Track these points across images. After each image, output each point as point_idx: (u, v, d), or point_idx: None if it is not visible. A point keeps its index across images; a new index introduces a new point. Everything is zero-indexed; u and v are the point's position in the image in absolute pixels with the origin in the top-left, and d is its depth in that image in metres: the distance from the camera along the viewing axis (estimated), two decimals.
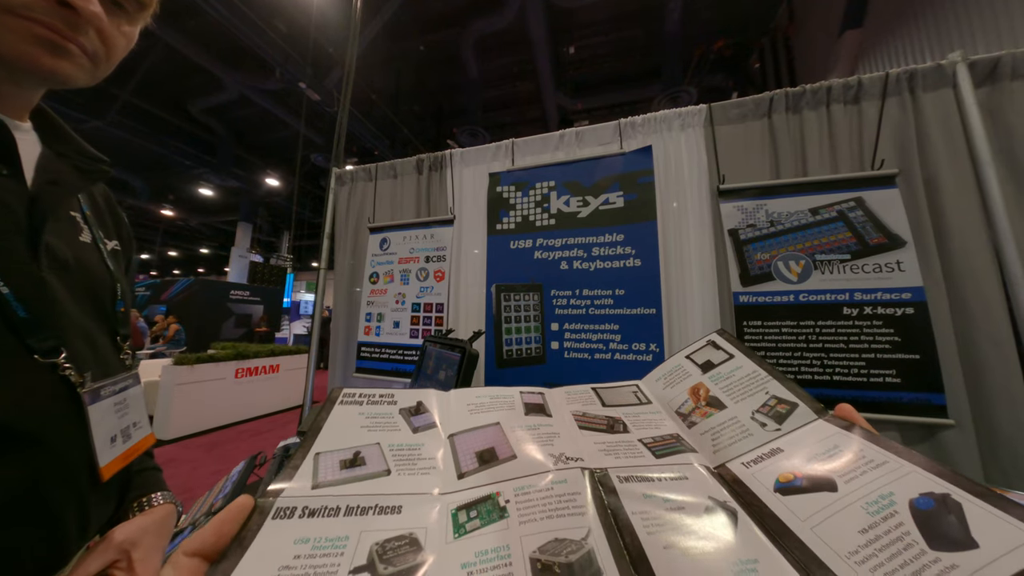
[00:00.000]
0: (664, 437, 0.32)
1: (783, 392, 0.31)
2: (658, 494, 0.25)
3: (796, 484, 0.24)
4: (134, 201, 9.89)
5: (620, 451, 0.30)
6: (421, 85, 6.42)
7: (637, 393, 0.39)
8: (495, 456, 0.28)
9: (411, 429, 0.30)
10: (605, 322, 1.45)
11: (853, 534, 0.20)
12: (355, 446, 0.28)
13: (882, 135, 1.23)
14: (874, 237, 1.20)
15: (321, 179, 9.72)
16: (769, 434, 0.29)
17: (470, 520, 0.23)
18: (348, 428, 0.29)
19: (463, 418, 0.32)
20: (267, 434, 3.84)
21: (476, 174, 1.80)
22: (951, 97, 1.18)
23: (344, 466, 0.26)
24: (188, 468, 2.89)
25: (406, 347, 1.77)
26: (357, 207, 2.03)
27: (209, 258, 17.55)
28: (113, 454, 0.42)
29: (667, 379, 0.39)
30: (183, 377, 3.63)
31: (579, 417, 0.35)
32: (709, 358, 0.38)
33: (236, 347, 4.39)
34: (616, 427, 0.33)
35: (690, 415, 0.34)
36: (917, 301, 1.13)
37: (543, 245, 1.59)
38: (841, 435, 0.26)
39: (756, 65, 5.12)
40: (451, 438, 0.30)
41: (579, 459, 0.28)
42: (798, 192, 1.29)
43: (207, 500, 1.24)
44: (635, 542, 0.21)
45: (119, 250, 0.52)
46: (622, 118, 1.57)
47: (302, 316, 11.69)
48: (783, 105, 1.34)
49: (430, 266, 1.81)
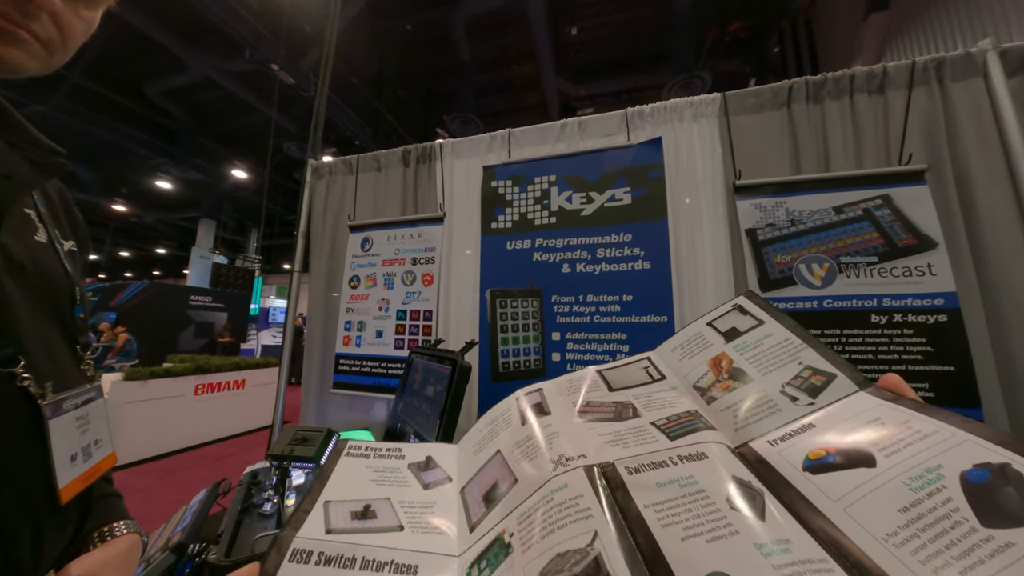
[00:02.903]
0: (679, 415, 0.32)
1: (819, 362, 0.30)
2: (673, 480, 0.25)
3: (828, 461, 0.23)
4: (81, 195, 9.81)
5: (629, 439, 0.30)
6: (407, 68, 6.48)
7: (648, 369, 0.39)
8: (498, 490, 0.29)
9: (422, 485, 0.32)
10: (611, 331, 1.47)
11: (892, 513, 0.19)
12: (364, 499, 0.29)
13: (909, 127, 1.27)
14: (903, 238, 1.24)
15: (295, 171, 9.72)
16: (800, 409, 0.28)
17: (481, 572, 0.24)
18: (356, 480, 0.31)
19: (471, 466, 0.33)
20: (231, 459, 3.80)
21: (469, 167, 1.83)
22: (982, 87, 1.23)
23: (355, 517, 0.28)
24: (140, 498, 2.85)
25: (390, 359, 1.78)
26: (336, 203, 2.04)
27: (166, 259, 17.41)
28: (73, 474, 0.42)
29: (684, 349, 0.39)
30: (134, 394, 3.59)
31: (583, 408, 0.35)
32: (734, 325, 0.37)
33: (196, 360, 4.35)
34: (625, 413, 0.33)
35: (710, 389, 0.34)
36: (950, 308, 1.16)
37: (543, 246, 1.62)
38: (884, 407, 0.25)
39: (775, 50, 5.23)
40: (462, 492, 0.31)
41: (581, 456, 0.28)
42: (821, 188, 1.33)
43: (163, 533, 1.22)
44: (649, 540, 0.21)
45: (76, 251, 0.52)
46: (629, 107, 1.61)
47: (272, 325, 11.61)
48: (803, 94, 1.39)
49: (417, 269, 1.82)
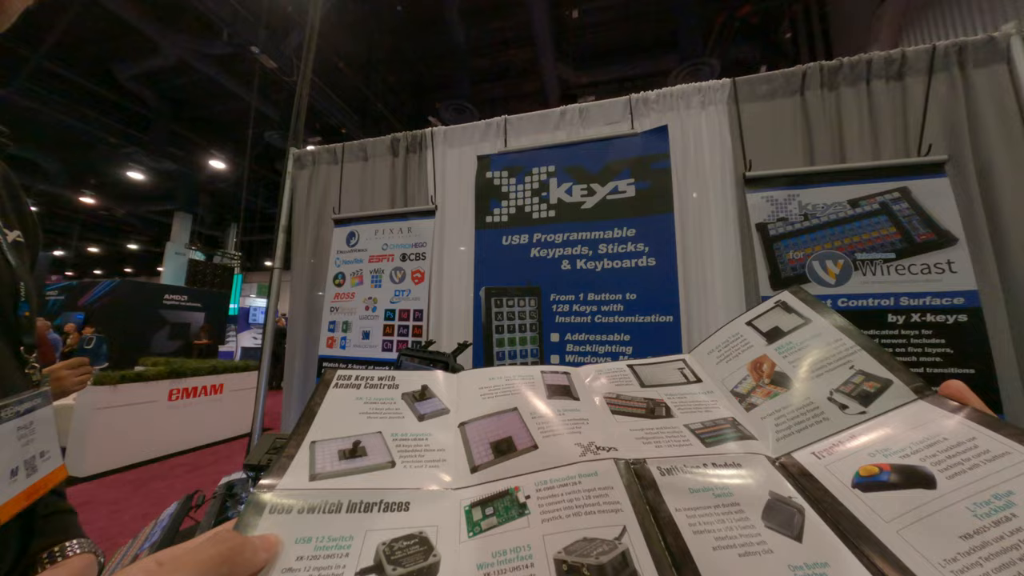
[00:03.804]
0: (716, 422, 0.31)
1: (873, 366, 0.29)
2: (707, 488, 0.25)
3: (881, 479, 0.22)
4: (46, 186, 9.59)
5: (662, 439, 0.30)
6: (398, 52, 6.39)
7: (684, 370, 0.38)
8: (513, 446, 0.29)
9: (416, 416, 0.32)
10: (614, 331, 1.44)
11: (952, 540, 0.19)
12: (354, 435, 0.29)
13: (929, 116, 1.26)
14: (921, 233, 1.22)
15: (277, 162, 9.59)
16: (850, 418, 0.27)
17: (486, 518, 0.24)
18: (346, 415, 0.31)
19: (475, 404, 0.33)
20: (207, 468, 3.73)
21: (462, 157, 1.79)
22: (1005, 74, 1.22)
23: (343, 456, 0.27)
24: (108, 511, 2.78)
25: (377, 362, 1.73)
26: (319, 195, 1.99)
27: (138, 255, 17.12)
28: (13, 491, 0.40)
29: (722, 351, 0.38)
30: (104, 400, 3.50)
31: (612, 400, 0.35)
32: (777, 324, 0.36)
33: (170, 363, 4.26)
34: (657, 411, 0.33)
35: (749, 395, 0.33)
36: (971, 307, 1.15)
37: (541, 241, 1.58)
38: (947, 418, 0.24)
39: (787, 35, 5.23)
40: (462, 427, 0.31)
41: (612, 448, 0.29)
42: (835, 181, 1.31)
43: (130, 550, 1.17)
44: (679, 542, 0.22)
45: (22, 242, 0.50)
46: (633, 93, 1.58)
47: (252, 326, 11.49)
48: (817, 81, 1.37)
49: (407, 265, 1.78)
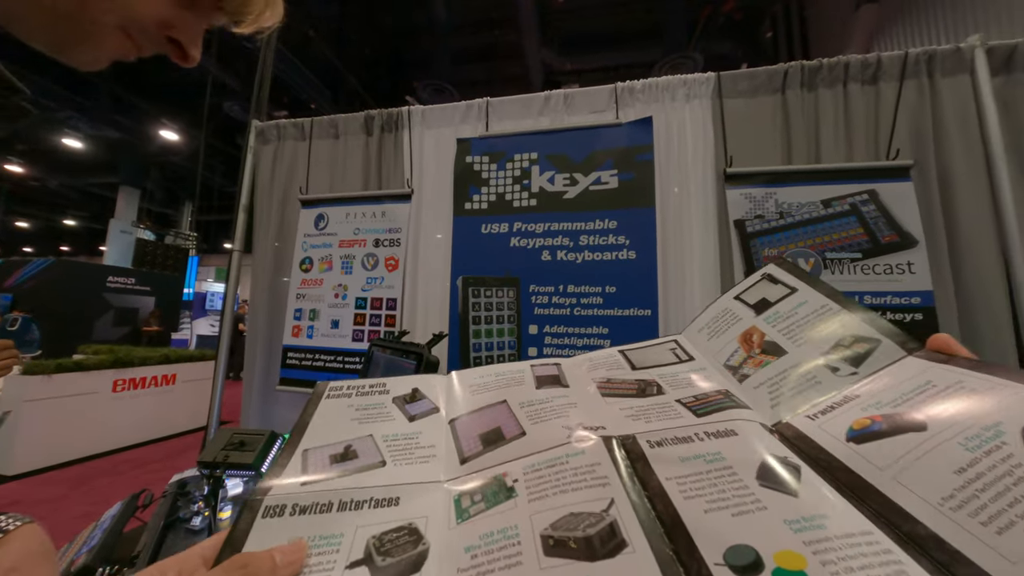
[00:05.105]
0: (707, 394, 0.32)
1: (861, 328, 0.30)
2: (698, 456, 0.25)
3: (874, 429, 0.23)
4: None
5: (652, 414, 0.30)
6: (375, 23, 6.13)
7: (676, 350, 0.39)
8: (501, 436, 0.30)
9: (407, 418, 0.33)
10: (592, 324, 1.47)
11: (947, 476, 0.19)
12: (345, 440, 0.30)
13: (899, 121, 1.33)
14: (886, 235, 1.30)
15: (237, 135, 9.07)
16: (842, 380, 0.28)
17: (474, 504, 0.25)
18: (338, 422, 0.32)
19: (465, 400, 0.34)
20: (156, 465, 3.56)
21: (441, 139, 1.75)
22: (968, 84, 1.30)
23: (335, 460, 0.28)
24: (46, 510, 2.60)
25: (347, 352, 1.69)
26: (285, 173, 1.90)
27: (77, 232, 15.87)
28: None
29: (711, 327, 0.39)
30: (36, 391, 3.27)
31: (603, 384, 0.35)
32: (764, 296, 0.37)
33: (115, 351, 4.01)
34: (648, 390, 0.34)
35: (741, 367, 0.33)
36: (926, 306, 1.25)
37: (521, 230, 1.58)
38: (936, 368, 0.25)
39: (768, 35, 5.40)
40: (452, 423, 0.32)
41: (600, 428, 0.29)
42: (811, 180, 1.37)
43: (66, 554, 1.11)
44: (669, 509, 0.22)
45: None
46: (619, 82, 1.58)
47: (210, 312, 10.96)
48: (798, 80, 1.42)
49: (380, 252, 1.74)
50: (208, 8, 0.36)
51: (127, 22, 0.33)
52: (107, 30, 0.33)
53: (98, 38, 0.33)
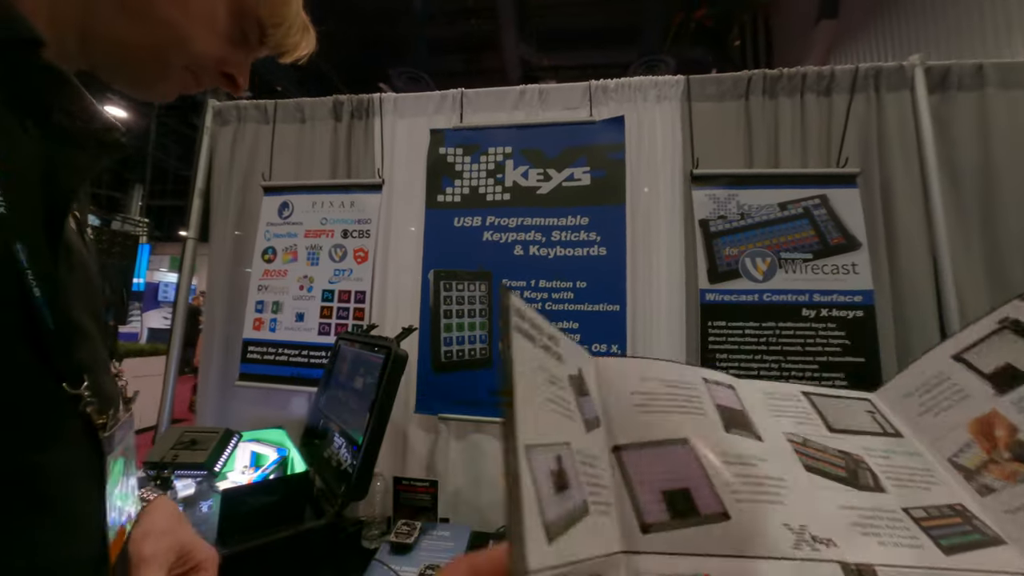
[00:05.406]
0: (940, 508, 0.24)
1: None
2: None
3: None
4: None
5: (881, 529, 0.23)
6: (347, 4, 5.89)
7: (875, 415, 0.31)
8: (694, 507, 0.21)
9: (583, 421, 0.22)
10: (564, 319, 1.49)
11: None
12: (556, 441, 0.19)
13: (848, 131, 1.43)
14: (834, 237, 1.41)
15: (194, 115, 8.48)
16: None
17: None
18: (540, 394, 0.19)
19: (629, 417, 0.24)
20: None
21: (413, 129, 1.72)
22: (908, 100, 1.42)
23: (557, 488, 0.17)
24: None
25: (313, 346, 1.64)
26: (245, 157, 1.81)
27: None
28: (117, 526, 0.38)
29: (925, 399, 0.30)
30: None
31: (799, 446, 0.27)
32: (1009, 360, 0.26)
33: None
34: (862, 477, 0.26)
35: (980, 472, 0.25)
36: (866, 304, 1.36)
37: (494, 224, 1.58)
38: None
39: (736, 43, 5.62)
40: (618, 453, 0.22)
41: (829, 541, 0.21)
42: (770, 184, 1.46)
43: None
44: None
45: None
46: (593, 80, 1.61)
47: (162, 304, 10.29)
48: (760, 87, 1.49)
49: (349, 243, 1.69)
50: (255, 45, 0.43)
51: (192, 62, 0.39)
52: (176, 71, 0.39)
53: (169, 78, 0.39)
